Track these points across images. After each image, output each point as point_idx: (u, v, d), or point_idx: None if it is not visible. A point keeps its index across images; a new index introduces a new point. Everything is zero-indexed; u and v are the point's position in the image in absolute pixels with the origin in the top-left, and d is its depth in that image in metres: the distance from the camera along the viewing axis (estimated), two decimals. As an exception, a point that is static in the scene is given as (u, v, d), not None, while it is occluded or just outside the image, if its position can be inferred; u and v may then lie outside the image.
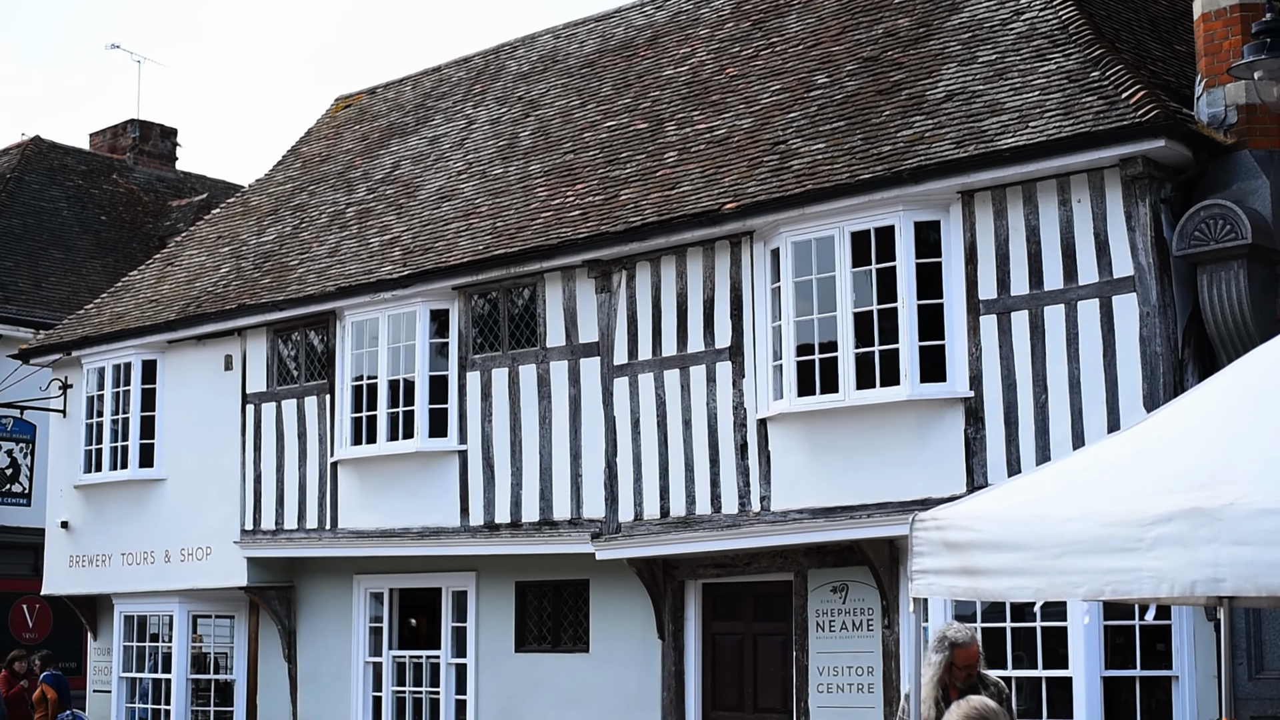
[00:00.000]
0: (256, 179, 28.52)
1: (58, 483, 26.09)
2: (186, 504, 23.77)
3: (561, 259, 19.22)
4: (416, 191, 23.27)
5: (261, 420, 22.79)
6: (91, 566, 25.32)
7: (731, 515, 17.65)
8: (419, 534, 20.66)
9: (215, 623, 24.32)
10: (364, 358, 21.39)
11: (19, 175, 34.64)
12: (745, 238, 17.77)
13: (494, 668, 20.64)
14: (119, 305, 26.07)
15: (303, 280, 22.59)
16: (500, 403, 19.90)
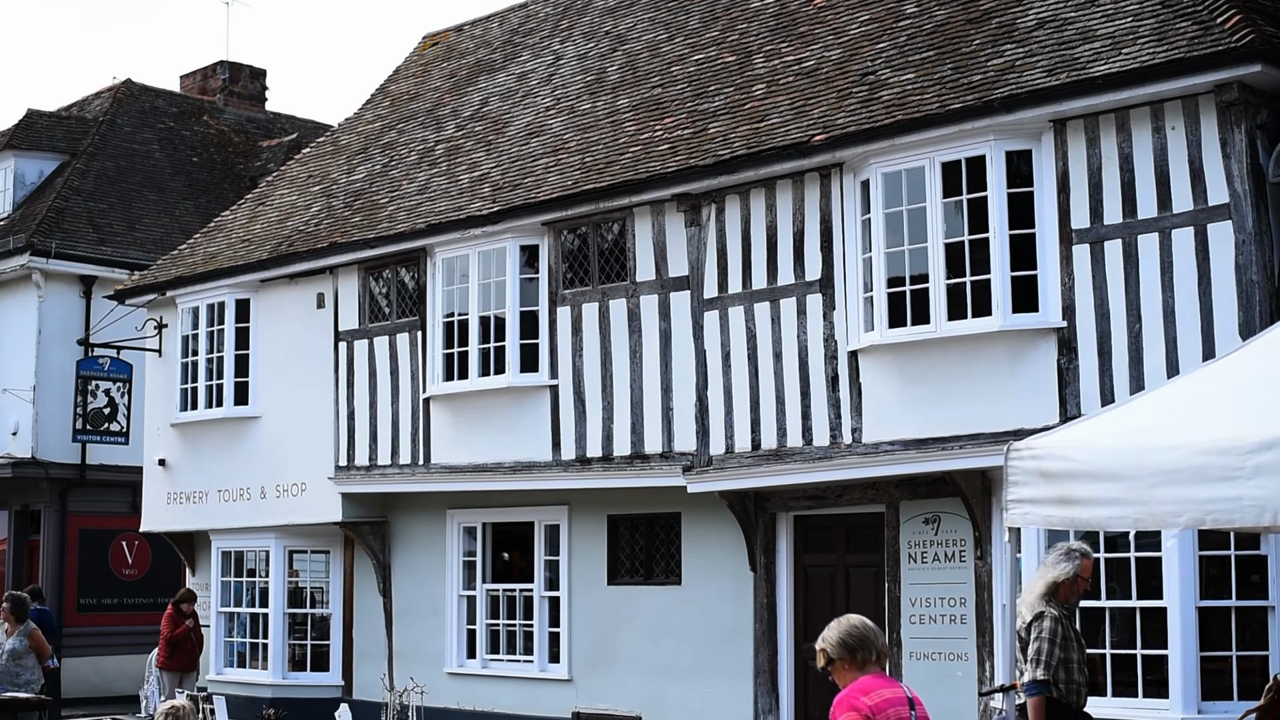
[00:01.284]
0: (346, 118, 28.65)
1: (154, 421, 26.43)
2: (281, 441, 24.03)
3: (650, 193, 19.22)
4: (505, 128, 23.30)
5: (354, 357, 22.98)
6: (189, 503, 25.66)
7: (823, 447, 17.66)
8: (511, 468, 20.79)
9: (311, 558, 24.61)
10: (455, 294, 21.50)
11: (111, 119, 34.90)
12: (835, 169, 17.70)
13: (587, 600, 20.78)
14: (212, 245, 26.30)
15: (393, 218, 22.70)
16: (591, 337, 19.96)
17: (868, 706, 7.59)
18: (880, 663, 7.84)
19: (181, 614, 23.04)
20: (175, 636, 22.83)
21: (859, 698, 7.63)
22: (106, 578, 30.32)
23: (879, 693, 7.66)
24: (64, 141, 33.84)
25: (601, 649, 20.60)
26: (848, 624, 7.90)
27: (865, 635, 7.82)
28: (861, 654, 7.80)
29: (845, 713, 7.62)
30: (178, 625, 22.92)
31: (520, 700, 21.25)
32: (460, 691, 21.65)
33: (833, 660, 7.88)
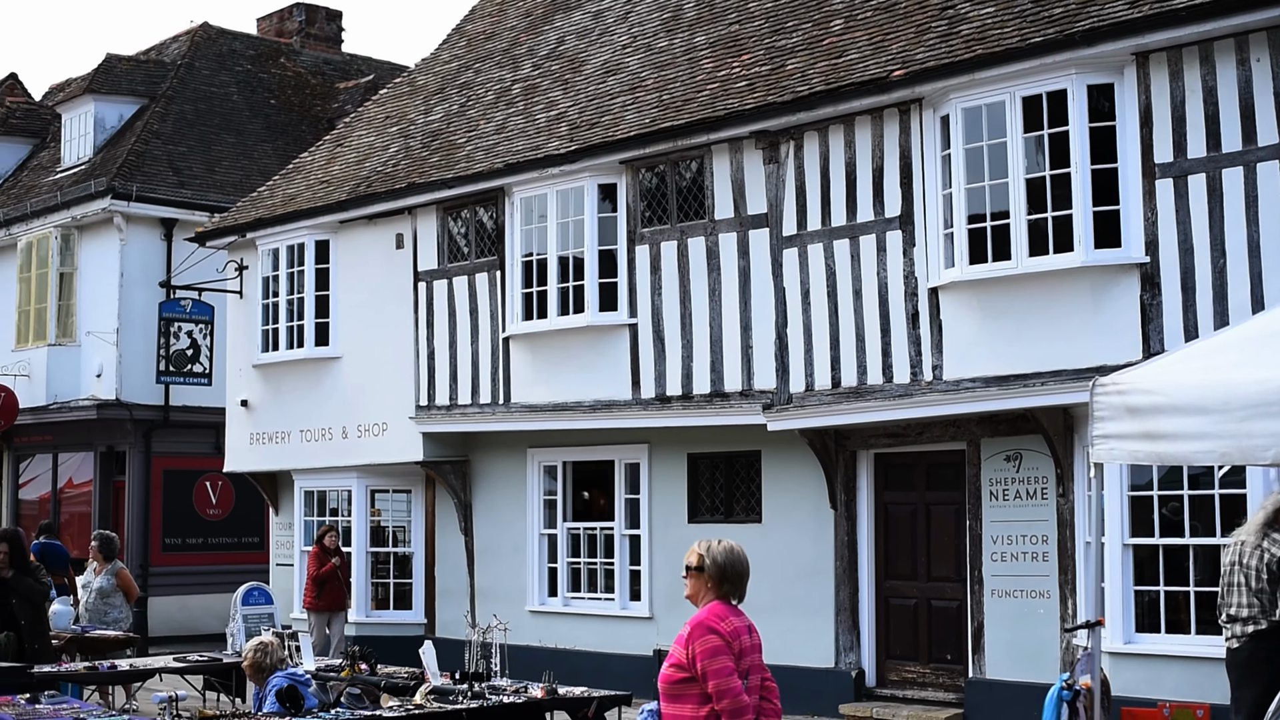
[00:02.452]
0: (422, 59, 28.66)
1: (236, 362, 26.65)
2: (362, 381, 24.18)
3: (728, 130, 19.16)
4: (582, 66, 23.26)
5: (434, 297, 23.07)
6: (271, 443, 25.89)
7: (903, 385, 17.61)
8: (591, 407, 20.85)
9: (393, 497, 24.80)
10: (533, 233, 21.54)
11: (189, 62, 35.05)
12: (914, 105, 17.59)
13: (667, 539, 20.85)
14: (290, 187, 26.42)
15: (471, 158, 22.73)
16: (670, 275, 19.95)
17: (726, 630, 8.29)
18: (728, 597, 8.51)
19: (326, 551, 22.57)
20: (321, 575, 22.39)
21: (718, 623, 8.32)
22: (190, 518, 30.60)
23: (731, 620, 8.37)
24: (143, 85, 34.02)
25: (682, 587, 20.60)
26: (733, 556, 8.58)
27: (741, 573, 8.57)
28: (728, 586, 8.49)
29: (705, 635, 8.27)
30: (323, 563, 22.45)
31: (601, 638, 21.37)
32: (542, 629, 21.80)
33: (702, 572, 8.55)
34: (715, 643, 8.25)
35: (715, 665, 8.20)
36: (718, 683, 8.17)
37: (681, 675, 8.33)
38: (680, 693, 8.34)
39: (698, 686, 8.26)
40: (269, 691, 12.19)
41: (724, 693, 8.18)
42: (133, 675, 16.04)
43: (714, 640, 8.25)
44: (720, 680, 8.17)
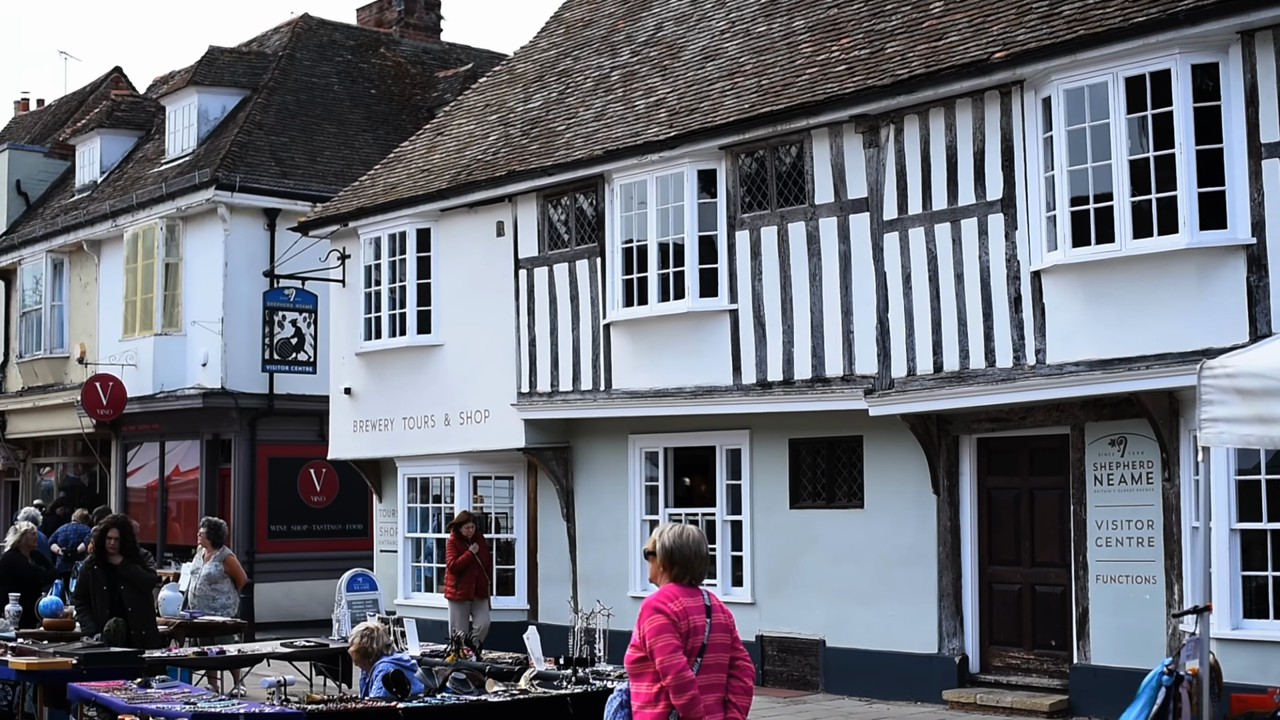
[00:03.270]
0: (521, 47, 28.77)
1: (340, 350, 26.87)
2: (464, 368, 24.32)
3: (828, 115, 19.10)
4: (680, 52, 23.26)
5: (534, 284, 23.16)
6: (374, 431, 26.09)
7: (1006, 369, 17.50)
8: (692, 393, 20.87)
9: (495, 483, 24.93)
10: (633, 220, 21.57)
11: (290, 53, 35.32)
12: (1015, 87, 17.46)
13: (769, 524, 20.84)
14: (392, 176, 26.60)
15: (570, 145, 22.79)
16: (770, 261, 19.93)
17: (672, 610, 8.57)
18: (680, 580, 8.74)
19: (463, 539, 21.61)
20: (459, 564, 21.57)
21: (666, 603, 8.62)
22: (295, 505, 30.86)
23: (681, 600, 8.63)
24: (245, 77, 34.32)
25: (784, 572, 20.67)
26: (681, 541, 8.81)
27: (690, 557, 8.75)
28: (678, 569, 8.74)
29: (652, 615, 8.59)
30: (460, 552, 21.58)
31: (703, 623, 21.36)
32: (644, 615, 21.84)
33: (655, 556, 8.84)
34: (660, 622, 8.56)
35: (660, 643, 8.52)
36: (661, 659, 8.51)
37: (638, 655, 8.67)
38: (639, 671, 8.69)
39: (651, 665, 8.60)
40: (375, 676, 12.30)
41: (667, 669, 8.49)
42: (241, 660, 16.22)
43: (659, 620, 8.56)
44: (664, 657, 8.50)
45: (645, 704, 8.63)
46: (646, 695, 8.62)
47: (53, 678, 13.56)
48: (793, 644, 20.49)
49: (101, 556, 15.74)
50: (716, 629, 8.74)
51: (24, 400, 37.50)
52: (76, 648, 14.25)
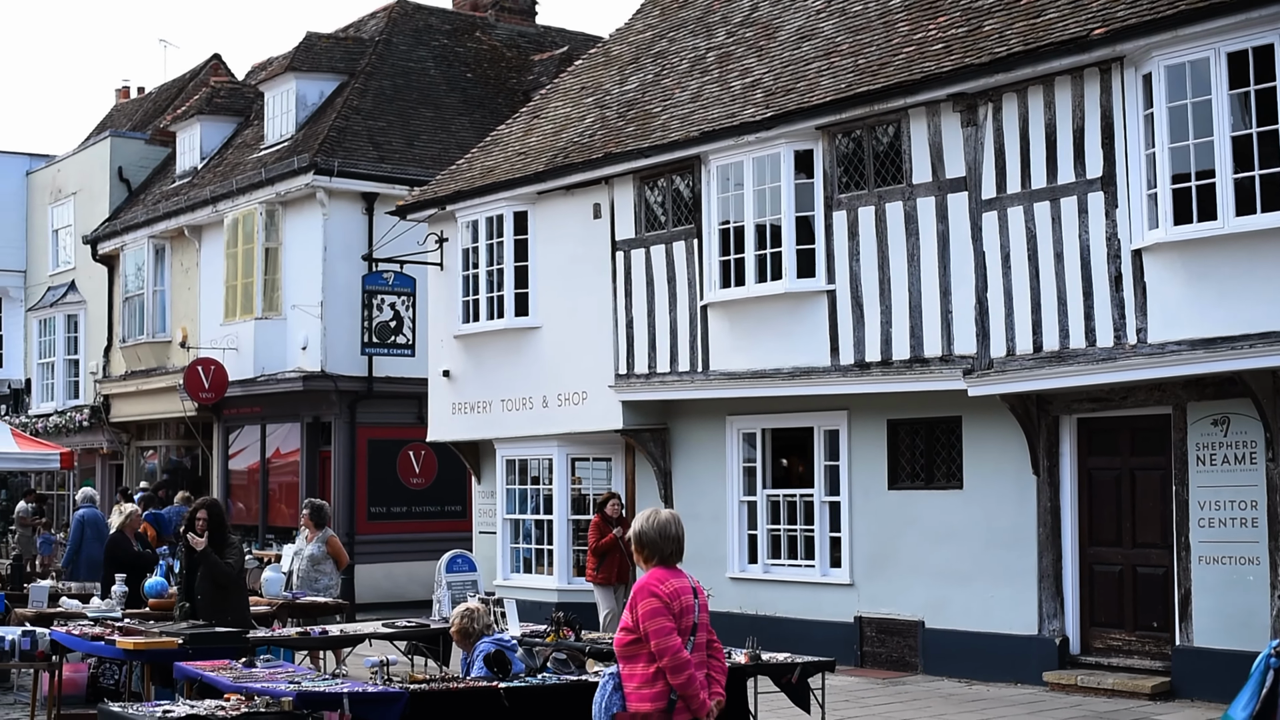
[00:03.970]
0: (616, 29, 28.78)
1: (438, 333, 27.04)
2: (561, 350, 24.41)
3: (926, 94, 19.01)
4: (776, 32, 23.21)
5: (631, 266, 23.20)
6: (473, 413, 26.24)
7: (1106, 348, 17.36)
8: (789, 374, 20.84)
9: (593, 465, 25.01)
10: (730, 201, 21.55)
11: (387, 38, 35.50)
12: (1115, 64, 17.30)
13: (867, 505, 20.80)
14: (488, 159, 26.70)
15: (666, 127, 22.80)
16: (867, 241, 19.87)
17: (665, 593, 8.80)
18: (668, 562, 8.99)
19: (608, 520, 21.26)
20: (602, 546, 21.20)
21: (658, 585, 8.85)
22: (395, 487, 31.09)
23: (670, 582, 8.88)
24: (342, 62, 34.54)
25: (882, 553, 20.62)
26: (649, 523, 9.06)
27: (655, 539, 8.96)
28: (648, 552, 9.00)
29: (646, 598, 8.79)
30: (604, 534, 21.22)
31: (802, 604, 21.39)
32: (742, 596, 21.86)
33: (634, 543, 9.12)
34: (654, 605, 8.78)
35: (655, 625, 8.74)
36: (658, 642, 8.72)
37: (631, 638, 8.87)
38: (633, 654, 8.88)
39: (645, 647, 8.80)
40: (477, 657, 12.39)
41: (664, 650, 8.72)
42: (343, 640, 16.37)
43: (654, 603, 8.78)
44: (660, 639, 8.72)
45: (642, 684, 8.83)
46: (643, 675, 8.82)
47: (159, 657, 13.74)
48: (892, 625, 20.44)
49: None
50: (702, 609, 9.02)
51: (128, 384, 37.98)
52: (182, 628, 14.42)
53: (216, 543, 15.62)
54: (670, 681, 8.73)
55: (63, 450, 32.77)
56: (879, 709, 17.34)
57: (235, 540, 15.98)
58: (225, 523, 15.97)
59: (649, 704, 8.78)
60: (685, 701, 8.78)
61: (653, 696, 8.78)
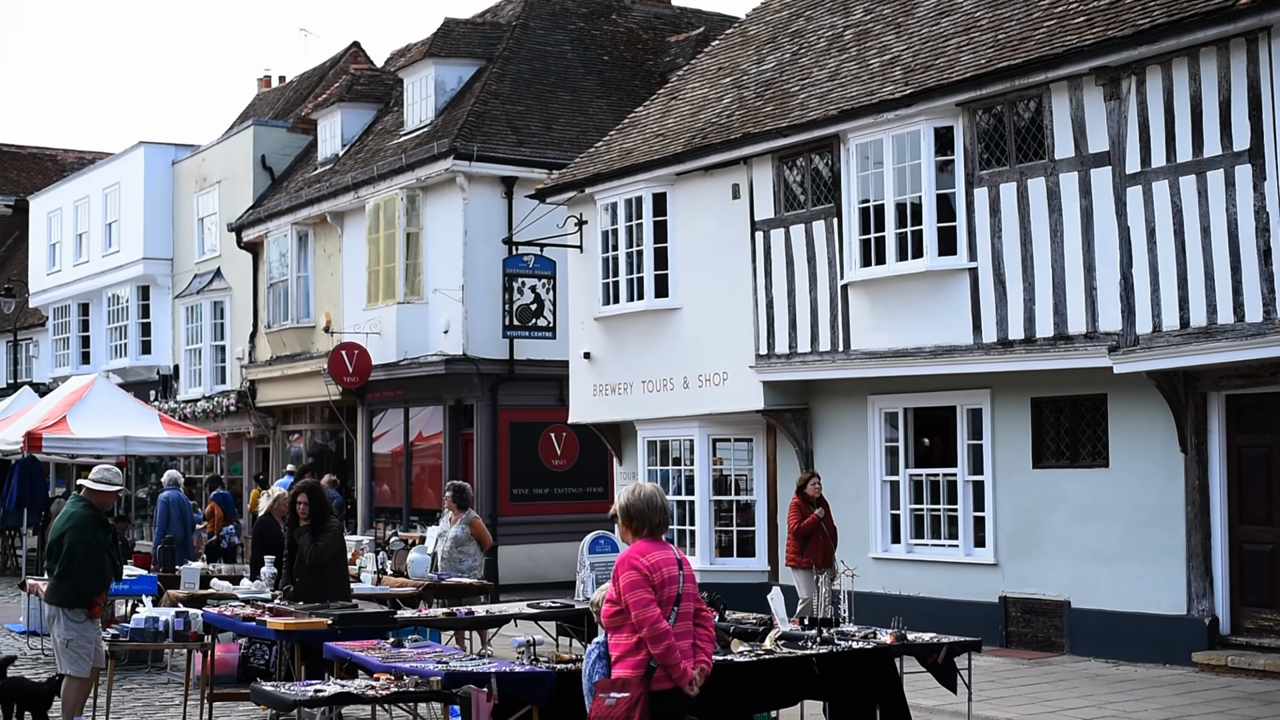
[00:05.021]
0: (753, 8, 28.71)
1: (578, 315, 27.15)
2: (701, 331, 24.42)
3: (1068, 68, 18.78)
4: (914, 8, 23.03)
5: (771, 246, 23.15)
6: (614, 395, 26.33)
7: (1256, 324, 17.07)
8: (931, 353, 20.71)
9: (734, 445, 25.00)
10: (869, 179, 21.44)
11: (524, 22, 35.64)
12: (1262, 34, 16.97)
13: (1011, 484, 20.63)
14: (627, 141, 26.75)
15: (805, 106, 22.72)
16: (1009, 218, 19.68)
17: (645, 565, 9.19)
18: (656, 533, 9.40)
19: (809, 501, 20.17)
20: (804, 528, 20.06)
21: (638, 558, 9.25)
22: (536, 469, 31.29)
23: (652, 555, 9.27)
24: (480, 47, 34.73)
25: (1027, 533, 20.44)
26: (635, 495, 9.47)
27: (643, 510, 9.38)
28: (637, 523, 9.40)
29: (626, 571, 9.20)
30: (805, 515, 20.10)
31: (946, 584, 21.27)
32: (885, 576, 21.75)
33: (619, 519, 9.54)
34: (634, 577, 9.17)
35: (634, 597, 9.14)
36: (637, 613, 9.12)
37: (615, 609, 9.28)
38: (618, 624, 9.28)
39: (629, 617, 9.20)
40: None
41: (643, 621, 9.10)
42: (489, 621, 16.48)
43: (633, 575, 9.18)
44: (639, 610, 9.12)
45: (625, 653, 9.23)
46: (626, 645, 9.22)
47: (308, 637, 13.94)
48: (1037, 605, 20.26)
49: (294, 521, 16.03)
50: (688, 580, 9.38)
51: (273, 369, 38.50)
52: (332, 608, 14.60)
53: (316, 526, 15.77)
54: (650, 650, 9.11)
55: (210, 435, 33.35)
56: (1025, 689, 17.21)
57: (333, 524, 16.04)
58: (326, 507, 16.08)
59: (630, 671, 9.18)
60: (665, 670, 9.15)
61: (633, 665, 9.18)
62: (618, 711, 9.12)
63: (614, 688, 9.18)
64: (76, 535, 14.13)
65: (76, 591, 14.13)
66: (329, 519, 15.97)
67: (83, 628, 14.23)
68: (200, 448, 33.35)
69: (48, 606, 14.38)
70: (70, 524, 14.20)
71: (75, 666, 14.21)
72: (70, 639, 14.16)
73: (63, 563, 14.08)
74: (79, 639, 14.21)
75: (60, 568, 14.11)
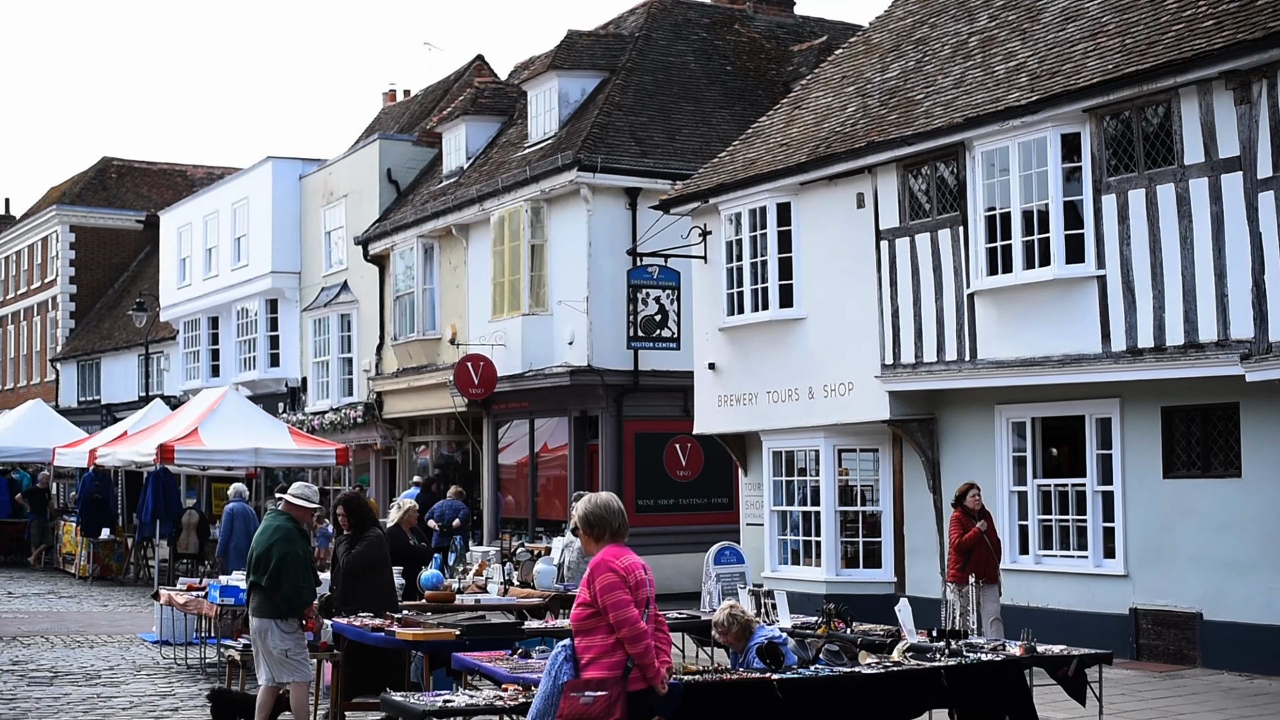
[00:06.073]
0: (876, 16, 28.60)
1: (703, 326, 27.17)
2: (826, 341, 24.35)
3: (1196, 72, 18.54)
4: (1040, 14, 22.84)
5: (896, 255, 23.04)
6: (739, 405, 26.31)
7: (1393, 330, 16.76)
8: (1059, 362, 20.51)
9: (859, 456, 24.87)
10: (995, 187, 21.28)
11: (647, 34, 35.74)
12: (1398, 35, 16.69)
13: (1141, 494, 20.36)
14: (750, 151, 26.73)
15: (929, 114, 22.60)
16: (1138, 224, 19.45)
17: (620, 568, 9.48)
18: (618, 537, 9.68)
19: (970, 514, 19.50)
20: (965, 542, 19.37)
21: (613, 561, 9.51)
22: (661, 480, 31.32)
23: (624, 559, 9.57)
24: (603, 59, 34.86)
25: (1158, 544, 20.17)
26: (593, 503, 9.77)
27: (603, 516, 9.67)
28: (597, 530, 9.69)
29: (604, 574, 9.45)
30: (967, 528, 19.43)
31: (1074, 596, 21.04)
32: (1014, 587, 21.54)
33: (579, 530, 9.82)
34: (612, 579, 9.43)
35: (613, 599, 9.39)
36: (616, 614, 9.38)
37: (589, 612, 9.51)
38: (591, 627, 9.52)
39: (604, 620, 9.45)
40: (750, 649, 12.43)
41: (622, 622, 9.37)
42: (615, 632, 16.48)
43: (611, 577, 9.43)
44: (618, 612, 9.37)
45: (601, 654, 9.47)
46: (602, 646, 9.47)
47: (437, 647, 14.03)
48: (1168, 617, 19.99)
49: (337, 530, 16.22)
50: (652, 584, 9.67)
51: (399, 381, 38.80)
52: (460, 619, 14.69)
53: (355, 536, 15.91)
54: (629, 650, 9.40)
55: (338, 447, 33.73)
56: (1157, 703, 16.99)
57: (372, 534, 16.10)
58: (366, 516, 16.18)
59: (606, 671, 9.41)
60: (641, 670, 9.45)
61: (610, 665, 9.42)
62: (596, 709, 9.35)
63: (588, 687, 9.40)
64: (285, 547, 14.22)
65: (289, 602, 14.22)
66: (369, 528, 16.11)
67: (297, 636, 14.38)
68: (329, 459, 33.74)
69: (256, 620, 14.45)
70: (277, 537, 14.31)
71: (298, 673, 14.36)
72: (288, 648, 14.27)
73: (273, 575, 14.14)
74: (295, 647, 14.35)
75: (270, 580, 14.17)
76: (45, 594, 32.92)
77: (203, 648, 21.26)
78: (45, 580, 36.81)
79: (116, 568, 36.94)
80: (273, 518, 14.64)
